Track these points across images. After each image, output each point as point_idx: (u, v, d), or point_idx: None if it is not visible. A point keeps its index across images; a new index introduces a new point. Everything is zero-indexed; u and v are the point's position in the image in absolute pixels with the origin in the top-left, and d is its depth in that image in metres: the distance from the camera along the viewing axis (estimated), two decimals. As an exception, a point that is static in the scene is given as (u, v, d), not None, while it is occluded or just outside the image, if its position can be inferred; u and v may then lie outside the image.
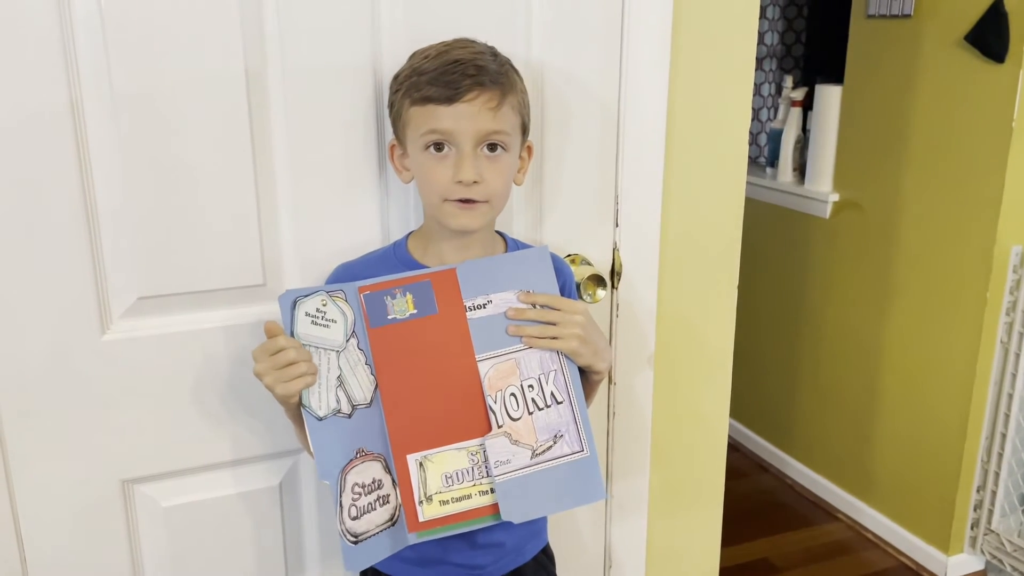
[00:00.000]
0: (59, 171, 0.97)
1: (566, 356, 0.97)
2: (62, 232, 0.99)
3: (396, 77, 0.98)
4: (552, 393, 0.96)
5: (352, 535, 0.92)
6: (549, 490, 0.95)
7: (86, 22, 0.94)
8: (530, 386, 0.96)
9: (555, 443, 0.95)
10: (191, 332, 1.07)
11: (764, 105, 2.98)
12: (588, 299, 1.20)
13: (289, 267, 1.10)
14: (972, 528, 2.22)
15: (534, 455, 0.95)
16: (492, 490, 0.94)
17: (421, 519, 0.93)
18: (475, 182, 0.93)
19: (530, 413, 0.95)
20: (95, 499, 1.08)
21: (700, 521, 1.48)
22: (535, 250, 0.99)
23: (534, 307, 0.96)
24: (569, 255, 1.23)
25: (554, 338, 0.95)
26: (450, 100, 0.92)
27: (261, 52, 1.02)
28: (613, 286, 1.27)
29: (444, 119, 0.92)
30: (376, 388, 0.93)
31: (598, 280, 1.20)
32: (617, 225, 1.25)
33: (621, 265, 1.27)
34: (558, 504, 0.97)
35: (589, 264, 1.23)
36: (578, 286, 1.19)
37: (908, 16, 2.14)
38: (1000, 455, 2.13)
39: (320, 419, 0.92)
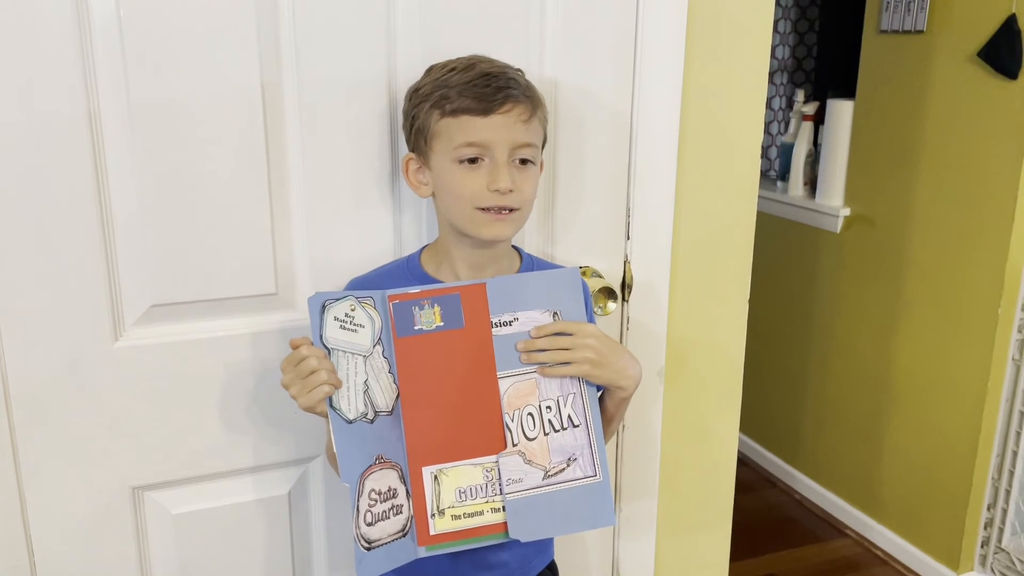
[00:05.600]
0: (75, 179, 0.98)
1: (586, 380, 0.97)
2: (76, 239, 1.00)
3: (417, 91, 0.98)
4: (569, 416, 0.96)
5: (366, 541, 0.92)
6: (559, 512, 0.95)
7: (104, 32, 0.95)
8: (548, 407, 0.96)
9: (568, 466, 0.96)
10: (203, 340, 1.07)
11: (775, 119, 2.98)
12: (599, 311, 1.20)
13: (301, 276, 1.10)
14: (982, 546, 2.20)
15: (546, 476, 0.95)
16: (503, 508, 0.94)
17: (432, 532, 0.93)
18: (510, 190, 0.94)
19: (546, 434, 0.95)
20: (105, 506, 1.08)
21: (709, 537, 1.47)
22: (566, 271, 0.99)
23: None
24: (580, 267, 1.23)
25: (567, 363, 0.95)
26: (486, 112, 0.92)
27: (277, 64, 1.03)
28: (624, 299, 1.27)
29: (481, 130, 0.93)
30: (397, 397, 0.94)
31: (609, 292, 1.20)
32: (628, 238, 1.25)
33: (632, 278, 1.27)
34: (567, 526, 0.98)
35: (600, 276, 1.23)
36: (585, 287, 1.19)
37: (921, 32, 2.13)
38: (1011, 473, 2.11)
39: (349, 422, 0.92)
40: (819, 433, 2.63)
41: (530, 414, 0.95)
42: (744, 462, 2.90)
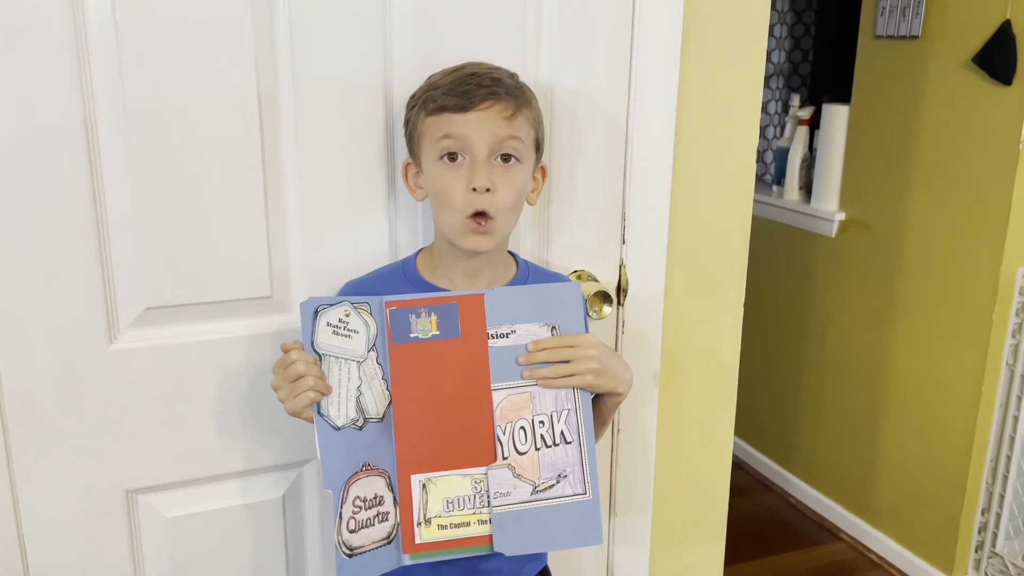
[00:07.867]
0: (70, 181, 0.98)
1: (582, 397, 0.96)
2: (72, 242, 0.99)
3: (413, 96, 1.00)
4: (562, 432, 0.96)
5: (348, 548, 0.92)
6: (545, 528, 0.95)
7: (101, 36, 0.95)
8: (541, 422, 0.95)
9: (558, 482, 0.95)
10: (198, 343, 1.07)
11: (771, 123, 2.98)
12: (594, 315, 1.20)
13: (296, 280, 1.10)
14: (976, 551, 2.21)
15: (535, 491, 0.95)
16: (490, 520, 0.94)
17: (418, 540, 0.93)
18: (488, 190, 0.93)
19: (537, 449, 0.95)
20: (99, 509, 1.08)
21: (704, 544, 1.47)
22: (567, 285, 0.98)
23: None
24: (575, 271, 1.23)
25: (570, 375, 0.95)
26: (464, 109, 0.93)
27: (273, 68, 1.03)
28: (619, 303, 1.28)
29: (459, 126, 0.93)
30: (390, 404, 0.93)
31: (604, 296, 1.20)
32: (624, 242, 1.25)
33: (627, 282, 1.27)
34: (552, 543, 0.97)
35: (595, 280, 1.23)
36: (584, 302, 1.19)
37: (916, 37, 2.14)
38: (1005, 477, 2.12)
39: (337, 428, 0.92)
40: (814, 437, 2.64)
41: (522, 428, 0.95)
42: (739, 466, 2.90)
